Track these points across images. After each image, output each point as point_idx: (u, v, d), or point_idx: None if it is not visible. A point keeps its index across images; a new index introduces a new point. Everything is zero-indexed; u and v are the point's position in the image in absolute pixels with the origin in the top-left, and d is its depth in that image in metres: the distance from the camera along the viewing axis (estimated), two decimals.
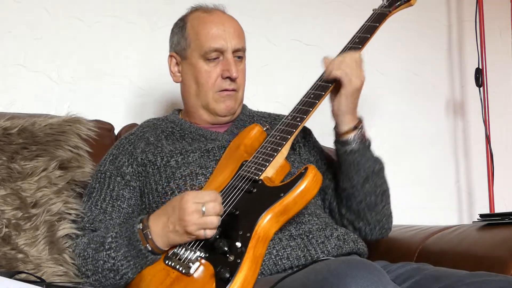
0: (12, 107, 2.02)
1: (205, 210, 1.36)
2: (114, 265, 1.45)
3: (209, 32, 1.66)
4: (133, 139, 1.70)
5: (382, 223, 1.67)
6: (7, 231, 1.51)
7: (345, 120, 1.59)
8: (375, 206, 1.64)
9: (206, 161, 1.61)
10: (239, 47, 1.68)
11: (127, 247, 1.44)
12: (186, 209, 1.37)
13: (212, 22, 1.67)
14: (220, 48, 1.65)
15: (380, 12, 1.72)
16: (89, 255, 1.50)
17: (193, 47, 1.68)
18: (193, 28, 1.69)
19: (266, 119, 1.79)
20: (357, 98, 1.58)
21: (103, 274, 1.47)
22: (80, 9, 2.13)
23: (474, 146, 2.69)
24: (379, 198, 1.64)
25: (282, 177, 1.52)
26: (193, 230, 1.37)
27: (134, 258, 1.43)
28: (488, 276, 1.32)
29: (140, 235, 1.42)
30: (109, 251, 1.46)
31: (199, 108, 1.71)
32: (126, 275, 1.45)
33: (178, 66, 1.73)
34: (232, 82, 1.67)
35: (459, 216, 2.67)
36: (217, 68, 1.66)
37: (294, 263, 1.45)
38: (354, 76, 1.55)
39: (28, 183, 1.60)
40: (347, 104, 1.57)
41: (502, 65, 2.74)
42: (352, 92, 1.56)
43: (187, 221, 1.37)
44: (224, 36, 1.66)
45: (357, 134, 1.60)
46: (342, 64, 1.55)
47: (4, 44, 2.04)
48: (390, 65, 2.59)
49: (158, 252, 1.42)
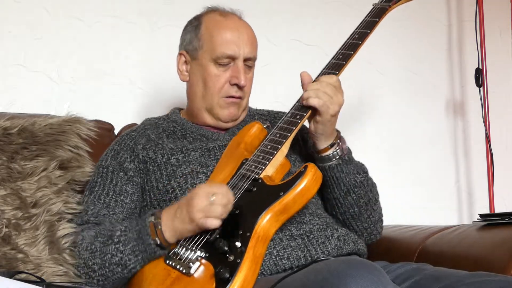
0: (12, 107, 2.02)
1: (213, 199, 1.36)
2: (121, 259, 1.44)
3: (223, 37, 1.65)
4: (134, 135, 1.70)
5: (370, 230, 1.67)
6: (7, 231, 1.51)
7: (322, 139, 1.58)
8: (360, 216, 1.64)
9: (207, 160, 1.61)
10: (250, 56, 1.68)
11: (136, 241, 1.43)
12: (196, 196, 1.37)
13: (227, 27, 1.67)
14: (232, 55, 1.65)
15: (380, 6, 1.71)
16: (96, 248, 1.48)
17: (205, 49, 1.67)
18: (207, 30, 1.68)
19: (266, 116, 1.79)
20: (334, 122, 1.56)
21: (110, 269, 1.46)
22: (80, 9, 2.13)
23: (474, 146, 2.69)
24: (363, 209, 1.63)
25: (282, 176, 1.51)
26: (198, 217, 1.36)
27: (142, 253, 1.42)
28: (488, 276, 1.32)
29: (151, 228, 1.42)
30: (117, 245, 1.45)
31: (203, 111, 1.70)
32: (134, 269, 1.44)
33: (186, 65, 1.73)
34: (239, 89, 1.67)
35: (459, 216, 2.67)
36: (226, 74, 1.66)
37: (294, 263, 1.45)
38: (330, 102, 1.52)
39: (28, 183, 1.60)
40: (324, 129, 1.55)
41: (502, 65, 2.74)
42: (329, 118, 1.53)
43: (194, 205, 1.36)
44: (238, 43, 1.65)
45: (334, 151, 1.58)
46: (319, 92, 1.52)
47: (4, 44, 2.04)
48: (390, 65, 2.59)
49: (165, 245, 1.41)
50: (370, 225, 1.66)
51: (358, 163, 1.65)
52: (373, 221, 1.66)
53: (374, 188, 1.68)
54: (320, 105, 1.51)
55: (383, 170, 2.51)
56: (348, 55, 1.61)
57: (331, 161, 1.58)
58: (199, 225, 1.37)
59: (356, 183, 1.60)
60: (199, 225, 1.37)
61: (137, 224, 1.45)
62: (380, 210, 1.70)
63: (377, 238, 1.70)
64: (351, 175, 1.60)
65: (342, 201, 1.61)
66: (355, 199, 1.61)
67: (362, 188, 1.62)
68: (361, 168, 1.64)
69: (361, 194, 1.62)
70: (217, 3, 1.75)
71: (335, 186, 1.60)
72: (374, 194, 1.67)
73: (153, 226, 1.42)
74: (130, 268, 1.44)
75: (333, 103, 1.52)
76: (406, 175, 2.57)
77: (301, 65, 2.37)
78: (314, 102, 1.52)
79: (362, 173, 1.63)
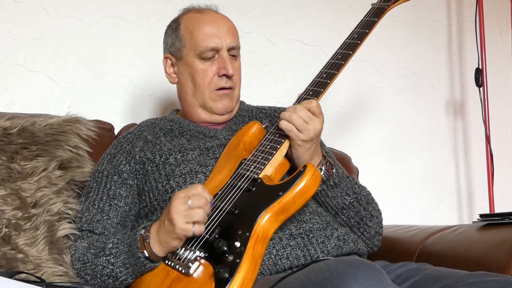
0: (12, 107, 2.02)
1: (190, 202, 1.34)
2: (112, 271, 1.45)
3: (204, 32, 1.66)
4: (131, 138, 1.70)
5: (365, 244, 1.64)
6: (7, 231, 1.51)
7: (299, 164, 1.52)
8: (352, 233, 1.61)
9: (206, 159, 1.61)
10: (233, 45, 1.68)
11: (126, 254, 1.43)
12: (173, 203, 1.36)
13: (206, 22, 1.68)
14: (215, 47, 1.66)
15: (378, 6, 1.71)
16: (88, 259, 1.50)
17: (188, 47, 1.68)
18: (187, 29, 1.69)
19: (266, 111, 1.79)
20: (311, 148, 1.52)
21: (101, 279, 1.47)
22: (80, 9, 2.13)
23: (474, 146, 2.69)
24: (355, 227, 1.62)
25: (281, 175, 1.51)
26: (180, 224, 1.34)
27: (132, 266, 1.43)
28: (488, 276, 1.32)
29: (140, 241, 1.42)
30: (109, 257, 1.46)
31: (196, 107, 1.71)
32: (126, 281, 1.45)
33: (173, 67, 1.73)
34: (228, 79, 1.67)
35: (459, 216, 2.67)
36: (213, 67, 1.67)
37: (293, 263, 1.45)
38: (302, 128, 1.49)
39: (28, 183, 1.60)
40: (297, 154, 1.52)
41: (502, 65, 2.74)
42: (301, 144, 1.50)
43: (174, 212, 1.34)
44: (218, 35, 1.66)
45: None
46: (292, 116, 1.50)
47: (4, 44, 2.04)
48: (390, 65, 2.59)
49: (154, 259, 1.40)
50: (365, 240, 1.64)
51: (348, 183, 1.61)
52: (367, 237, 1.64)
53: (369, 205, 1.64)
54: (289, 130, 1.49)
55: (383, 170, 2.52)
56: (347, 55, 1.61)
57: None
58: (186, 232, 1.35)
59: (344, 205, 1.59)
60: (186, 232, 1.35)
61: (129, 237, 1.46)
62: (378, 224, 1.66)
63: (373, 250, 1.68)
64: (338, 198, 1.59)
65: (333, 220, 1.60)
66: (345, 220, 1.61)
67: (352, 209, 1.60)
68: (351, 189, 1.61)
69: (351, 215, 1.60)
70: (215, 3, 1.76)
71: (323, 209, 1.60)
72: (369, 211, 1.63)
73: (142, 239, 1.41)
74: (121, 280, 1.45)
75: (306, 129, 1.49)
76: (406, 175, 2.57)
77: (301, 65, 2.39)
78: (282, 125, 1.50)
79: (351, 195, 1.60)
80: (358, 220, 1.61)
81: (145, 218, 1.61)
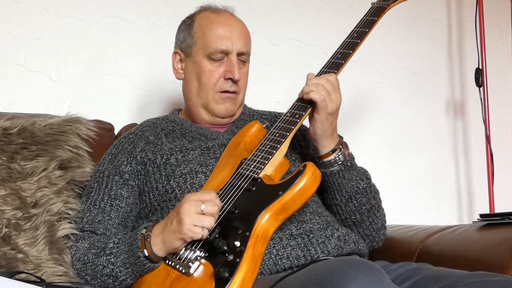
0: (12, 107, 2.02)
1: (203, 207, 1.35)
2: (112, 271, 1.45)
3: (216, 33, 1.66)
4: (132, 138, 1.70)
5: (371, 237, 1.66)
6: (7, 231, 1.51)
7: (322, 144, 1.56)
8: (362, 223, 1.63)
9: (206, 159, 1.61)
10: (244, 51, 1.68)
11: (127, 254, 1.43)
12: (184, 205, 1.37)
13: (219, 23, 1.68)
14: (225, 50, 1.66)
15: (378, 5, 1.71)
16: (89, 259, 1.50)
17: (198, 46, 1.68)
18: (200, 27, 1.69)
19: (267, 116, 1.79)
20: (333, 122, 1.54)
21: (102, 280, 1.47)
22: (80, 9, 2.13)
23: (474, 146, 2.68)
24: (365, 216, 1.62)
25: (281, 175, 1.52)
26: (189, 226, 1.35)
27: (132, 265, 1.43)
28: (488, 276, 1.32)
29: (141, 240, 1.42)
30: (109, 257, 1.46)
31: (199, 107, 1.71)
32: (125, 281, 1.45)
33: (181, 63, 1.73)
34: (233, 84, 1.67)
35: (459, 216, 2.67)
36: (220, 69, 1.67)
37: (294, 263, 1.45)
38: (328, 99, 1.51)
39: (28, 183, 1.60)
40: (323, 128, 1.54)
41: (502, 65, 2.74)
42: (327, 117, 1.52)
43: (184, 214, 1.35)
44: (230, 38, 1.66)
45: (336, 157, 1.57)
46: (318, 86, 1.52)
47: (4, 44, 2.04)
48: (390, 64, 2.59)
49: (154, 258, 1.40)
50: (372, 232, 1.65)
51: (361, 169, 1.64)
52: (375, 228, 1.65)
53: (377, 195, 1.66)
54: (321, 100, 1.51)
55: (383, 170, 2.52)
56: (347, 54, 1.61)
57: (332, 167, 1.57)
58: (191, 234, 1.36)
59: (358, 190, 1.60)
60: (191, 234, 1.36)
61: (130, 237, 1.46)
62: (383, 217, 1.69)
63: (379, 245, 1.69)
64: (353, 181, 1.59)
65: (344, 208, 1.61)
66: (356, 206, 1.61)
67: (365, 194, 1.61)
68: (363, 175, 1.63)
69: (363, 201, 1.61)
70: (216, 2, 1.76)
71: (337, 193, 1.60)
72: (377, 201, 1.65)
73: (143, 238, 1.42)
74: (121, 280, 1.45)
75: (331, 100, 1.52)
76: (406, 175, 2.57)
77: (301, 65, 2.39)
78: (315, 96, 1.51)
79: (365, 180, 1.62)
80: (368, 208, 1.62)
81: (145, 218, 1.62)
